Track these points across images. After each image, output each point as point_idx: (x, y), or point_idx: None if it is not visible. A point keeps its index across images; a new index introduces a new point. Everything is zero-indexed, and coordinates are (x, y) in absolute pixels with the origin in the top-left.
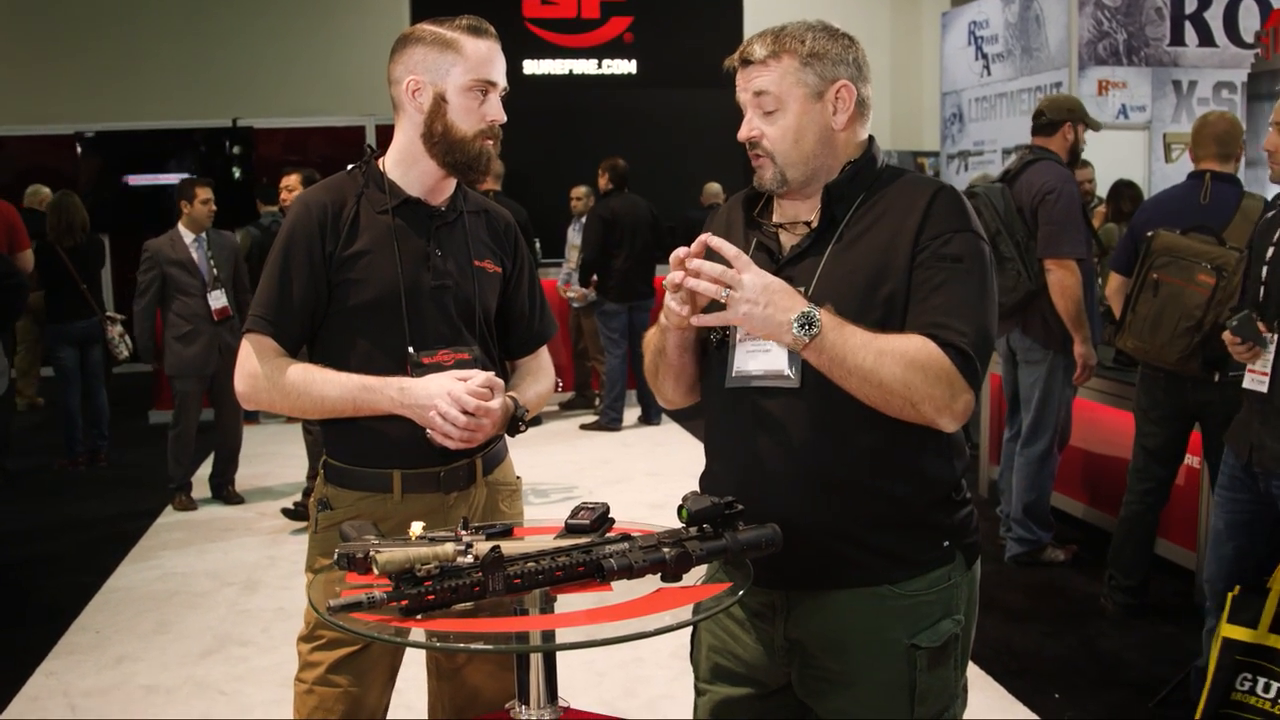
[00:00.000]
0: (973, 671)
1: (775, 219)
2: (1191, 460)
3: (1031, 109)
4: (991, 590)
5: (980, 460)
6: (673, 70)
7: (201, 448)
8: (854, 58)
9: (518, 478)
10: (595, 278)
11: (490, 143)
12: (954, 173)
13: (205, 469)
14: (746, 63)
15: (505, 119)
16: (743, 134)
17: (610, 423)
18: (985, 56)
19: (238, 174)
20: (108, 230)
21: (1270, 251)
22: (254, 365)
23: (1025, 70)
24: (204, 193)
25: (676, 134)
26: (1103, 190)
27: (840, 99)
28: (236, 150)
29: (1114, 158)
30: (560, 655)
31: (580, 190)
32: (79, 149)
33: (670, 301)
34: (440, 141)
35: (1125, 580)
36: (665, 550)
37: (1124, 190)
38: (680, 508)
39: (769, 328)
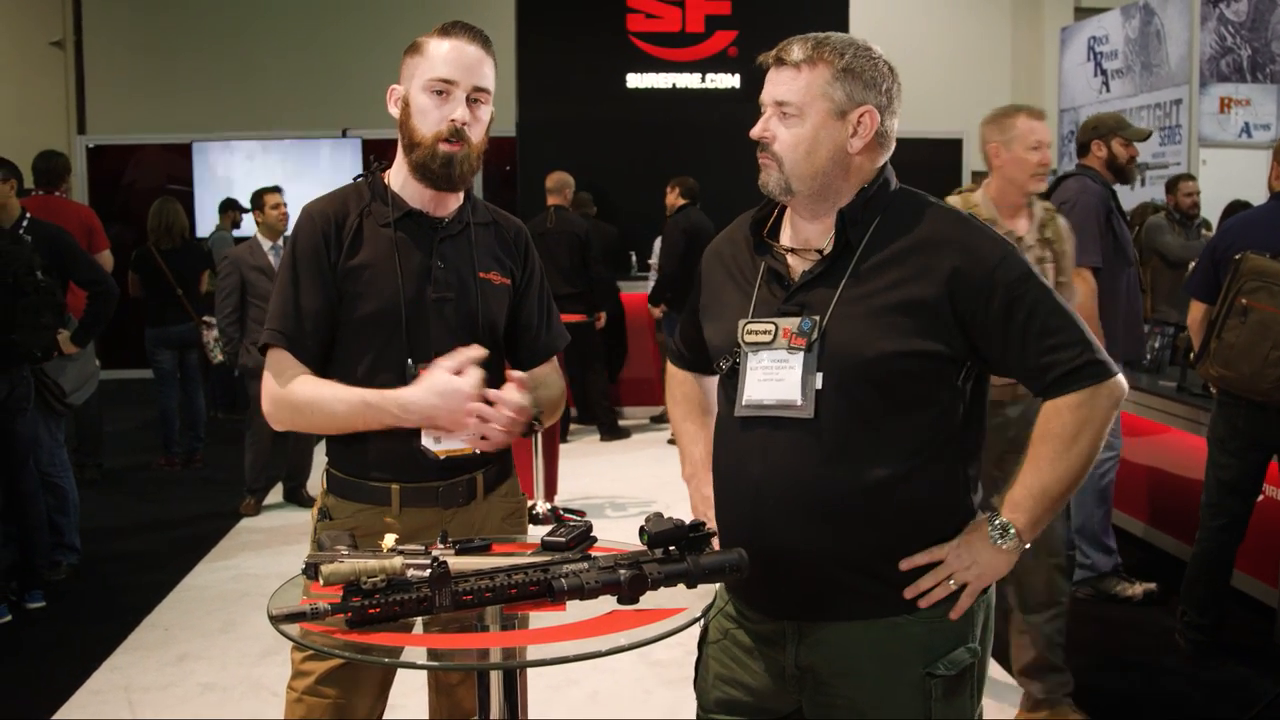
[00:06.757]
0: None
1: (785, 241)
2: (1273, 491)
3: (1152, 127)
4: None
5: None
6: None
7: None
8: (887, 87)
9: (523, 494)
10: (669, 295)
11: (453, 147)
12: None
13: None
14: (780, 63)
15: (469, 120)
16: (755, 132)
17: None
18: (1104, 73)
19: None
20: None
21: None
22: (272, 385)
23: (1145, 87)
24: (273, 198)
25: None
26: (1212, 209)
27: (862, 123)
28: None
29: (1234, 177)
30: (609, 673)
31: None
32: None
33: None
34: (408, 147)
35: (1199, 618)
36: (621, 572)
37: (1236, 211)
38: (641, 530)
39: (996, 570)
